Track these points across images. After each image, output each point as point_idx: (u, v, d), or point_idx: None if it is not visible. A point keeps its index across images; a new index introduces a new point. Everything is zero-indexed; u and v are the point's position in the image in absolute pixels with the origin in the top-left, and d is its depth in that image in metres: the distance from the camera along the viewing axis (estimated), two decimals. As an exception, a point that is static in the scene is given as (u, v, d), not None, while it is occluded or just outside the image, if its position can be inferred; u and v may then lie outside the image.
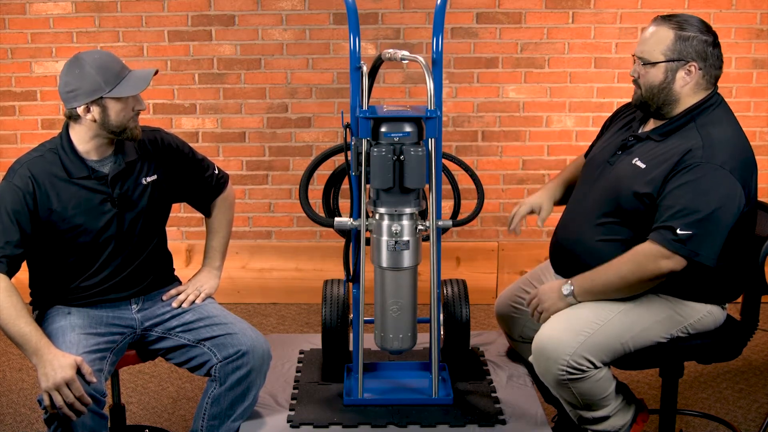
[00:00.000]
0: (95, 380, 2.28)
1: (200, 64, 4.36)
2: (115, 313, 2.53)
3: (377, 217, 2.36)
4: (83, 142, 2.45)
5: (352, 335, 2.66)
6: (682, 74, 2.39)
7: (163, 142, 2.61)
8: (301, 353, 2.89)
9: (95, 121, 2.40)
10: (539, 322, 2.48)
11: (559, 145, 4.41)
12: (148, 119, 4.26)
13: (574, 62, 4.33)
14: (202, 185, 2.72)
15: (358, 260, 2.52)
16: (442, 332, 2.67)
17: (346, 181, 2.54)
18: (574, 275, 2.46)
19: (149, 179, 2.55)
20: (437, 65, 2.42)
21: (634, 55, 2.47)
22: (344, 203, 2.58)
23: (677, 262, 2.29)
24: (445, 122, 4.36)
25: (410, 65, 4.23)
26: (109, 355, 2.43)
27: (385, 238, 2.34)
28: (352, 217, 2.44)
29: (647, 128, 2.52)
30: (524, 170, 4.44)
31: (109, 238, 2.49)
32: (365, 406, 2.50)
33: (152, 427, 3.15)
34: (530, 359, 2.47)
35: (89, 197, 2.45)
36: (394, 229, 2.33)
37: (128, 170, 2.51)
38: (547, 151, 4.42)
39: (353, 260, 2.55)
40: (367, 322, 2.59)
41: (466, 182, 2.71)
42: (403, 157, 2.26)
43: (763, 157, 4.19)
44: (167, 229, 2.69)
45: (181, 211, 4.40)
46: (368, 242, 2.45)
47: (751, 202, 2.38)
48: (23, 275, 2.48)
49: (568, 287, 2.43)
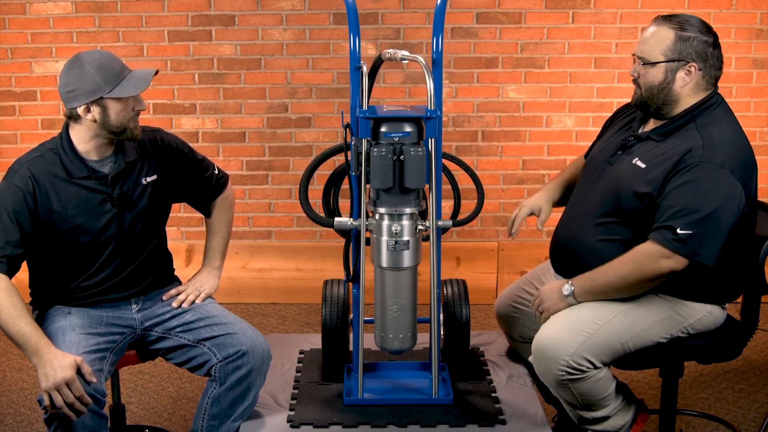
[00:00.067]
0: (95, 380, 2.28)
1: (200, 64, 4.36)
2: (115, 313, 2.53)
3: (377, 217, 2.36)
4: (83, 142, 2.45)
5: (352, 335, 2.66)
6: (681, 74, 2.39)
7: (163, 142, 2.61)
8: (301, 353, 2.89)
9: (95, 121, 2.40)
10: (540, 322, 2.49)
11: (559, 145, 4.41)
12: (148, 119, 4.26)
13: (574, 62, 4.33)
14: (202, 185, 2.72)
15: (358, 260, 2.51)
16: (442, 332, 2.67)
17: (346, 181, 2.54)
18: (574, 275, 2.46)
19: (149, 179, 2.55)
20: (437, 65, 2.41)
21: (634, 54, 2.47)
22: (344, 203, 2.58)
23: (678, 261, 2.29)
24: (445, 122, 4.36)
25: (410, 65, 4.23)
26: (109, 355, 2.43)
27: (385, 238, 2.34)
28: (352, 217, 2.44)
29: (647, 128, 2.51)
30: (524, 170, 4.44)
31: (109, 238, 2.49)
32: (365, 406, 2.50)
33: (152, 427, 3.15)
34: (530, 359, 2.47)
35: (89, 197, 2.45)
36: (394, 229, 2.33)
37: (128, 170, 2.51)
38: (547, 151, 4.42)
39: (353, 260, 2.55)
40: (367, 322, 2.59)
41: (466, 182, 2.71)
42: (403, 157, 2.26)
43: (763, 157, 4.19)
44: (167, 229, 2.69)
45: (181, 211, 4.40)
46: (368, 242, 2.45)
47: (751, 202, 2.38)
48: (23, 275, 2.48)
49: (568, 287, 2.44)
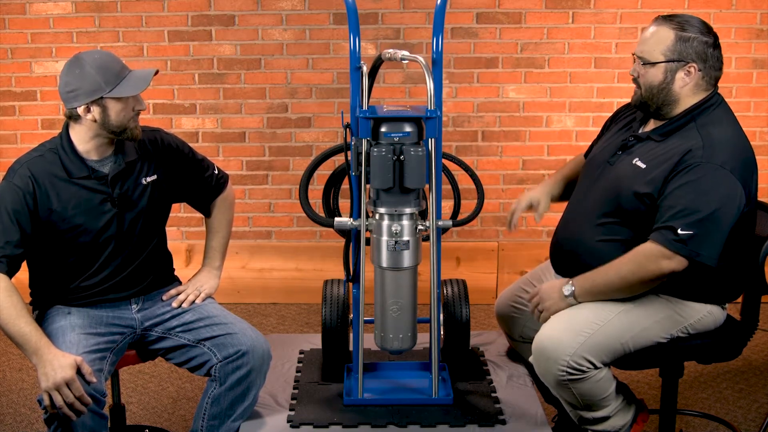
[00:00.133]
0: (95, 380, 2.28)
1: (200, 64, 4.36)
2: (115, 313, 2.53)
3: (377, 217, 2.36)
4: (83, 142, 2.45)
5: (352, 335, 2.66)
6: (681, 75, 2.39)
7: (163, 142, 2.61)
8: (301, 353, 2.89)
9: (95, 121, 2.40)
10: (539, 321, 2.49)
11: (559, 145, 4.41)
12: (148, 119, 4.25)
13: (574, 62, 4.33)
14: (202, 185, 2.72)
15: (358, 260, 2.51)
16: (442, 332, 2.67)
17: (346, 181, 2.54)
18: (574, 275, 2.46)
19: (149, 179, 2.55)
20: (437, 65, 2.41)
21: (634, 54, 2.47)
22: (344, 203, 2.58)
23: (679, 262, 2.29)
24: (445, 122, 4.36)
25: (410, 65, 4.23)
26: (109, 355, 2.43)
27: (385, 238, 2.34)
28: (352, 217, 2.44)
29: (647, 128, 2.51)
30: (524, 170, 4.44)
31: (109, 238, 2.49)
32: (365, 406, 2.50)
33: (152, 427, 3.15)
34: (530, 359, 2.47)
35: (89, 197, 2.45)
36: (394, 229, 2.32)
37: (128, 170, 2.51)
38: (547, 151, 4.42)
39: (353, 260, 2.55)
40: (367, 322, 2.59)
41: (466, 182, 2.71)
42: (403, 157, 2.26)
43: (763, 157, 4.19)
44: (167, 229, 2.69)
45: (181, 211, 4.40)
46: (368, 242, 2.45)
47: (751, 202, 2.38)
48: (23, 275, 2.48)
49: (569, 288, 2.43)
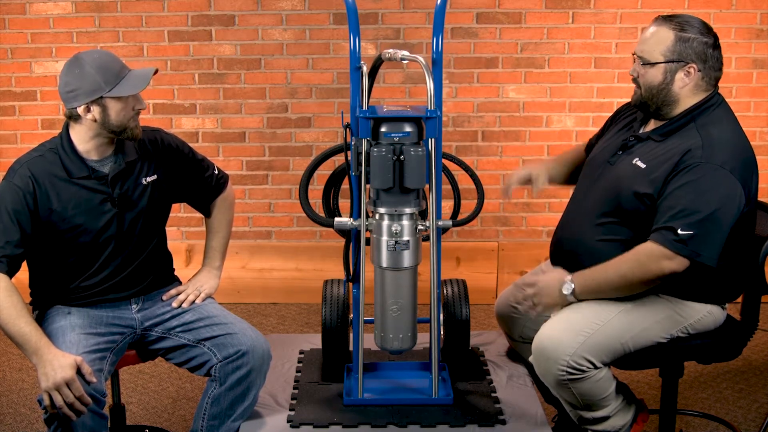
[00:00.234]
0: (95, 380, 2.28)
1: (200, 64, 4.36)
2: (115, 313, 2.53)
3: (377, 217, 2.36)
4: (83, 141, 2.45)
5: (352, 335, 2.66)
6: (681, 75, 2.39)
7: (163, 142, 2.61)
8: (301, 353, 2.89)
9: (95, 120, 2.40)
10: (532, 312, 2.48)
11: (559, 145, 4.40)
12: (148, 119, 4.26)
13: (574, 62, 4.33)
14: (202, 185, 2.72)
15: (358, 260, 2.51)
16: (442, 332, 2.67)
17: (346, 181, 2.54)
18: (574, 274, 2.46)
19: (149, 179, 2.55)
20: (437, 65, 2.41)
21: (634, 54, 2.47)
22: (344, 203, 2.58)
23: (679, 262, 2.29)
24: (445, 122, 4.36)
25: (410, 65, 4.23)
26: (109, 355, 2.43)
27: (385, 238, 2.34)
28: (352, 217, 2.44)
29: (648, 128, 2.51)
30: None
31: (109, 238, 2.49)
32: (365, 406, 2.50)
33: (152, 427, 3.15)
34: (530, 359, 2.47)
35: (89, 197, 2.45)
36: (394, 229, 2.32)
37: (128, 170, 2.51)
38: (547, 151, 4.42)
39: (353, 260, 2.55)
40: (367, 322, 2.59)
41: (466, 182, 2.71)
42: (403, 157, 2.26)
43: (763, 157, 4.18)
44: (167, 229, 2.69)
45: (181, 211, 4.40)
46: (368, 242, 2.45)
47: (751, 202, 2.38)
48: (23, 275, 2.48)
49: (568, 286, 2.42)
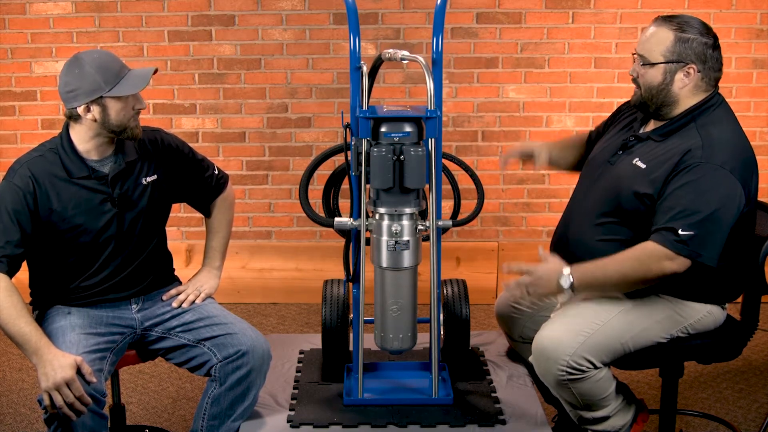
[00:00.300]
0: (95, 380, 2.28)
1: (200, 64, 4.36)
2: (115, 313, 2.53)
3: (377, 217, 2.36)
4: (83, 141, 2.45)
5: (352, 335, 2.66)
6: (680, 76, 2.39)
7: (163, 142, 2.61)
8: (301, 353, 2.89)
9: (95, 120, 2.40)
10: (524, 301, 2.47)
11: (559, 145, 4.40)
12: (148, 119, 4.25)
13: (574, 62, 4.33)
14: (202, 185, 2.72)
15: (358, 260, 2.51)
16: (442, 332, 2.67)
17: (346, 181, 2.54)
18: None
19: (149, 179, 2.55)
20: (437, 65, 2.41)
21: (634, 53, 2.47)
22: (344, 203, 2.58)
23: (681, 263, 2.29)
24: (445, 122, 4.36)
25: (410, 65, 4.23)
26: (109, 355, 2.43)
27: (385, 238, 2.34)
28: (352, 217, 2.44)
29: (648, 129, 2.51)
30: (524, 170, 4.44)
31: (109, 238, 2.49)
32: (365, 406, 2.50)
33: (152, 427, 3.15)
34: (530, 359, 2.47)
35: (89, 197, 2.45)
36: (394, 229, 2.32)
37: (128, 170, 2.51)
38: (547, 151, 4.42)
39: (353, 260, 2.55)
40: (367, 322, 2.59)
41: (466, 182, 2.71)
42: (403, 157, 2.26)
43: (763, 157, 4.18)
44: (167, 229, 2.69)
45: (181, 211, 4.40)
46: (368, 242, 2.45)
47: (751, 202, 2.38)
48: (23, 275, 2.48)
49: (567, 279, 2.38)
